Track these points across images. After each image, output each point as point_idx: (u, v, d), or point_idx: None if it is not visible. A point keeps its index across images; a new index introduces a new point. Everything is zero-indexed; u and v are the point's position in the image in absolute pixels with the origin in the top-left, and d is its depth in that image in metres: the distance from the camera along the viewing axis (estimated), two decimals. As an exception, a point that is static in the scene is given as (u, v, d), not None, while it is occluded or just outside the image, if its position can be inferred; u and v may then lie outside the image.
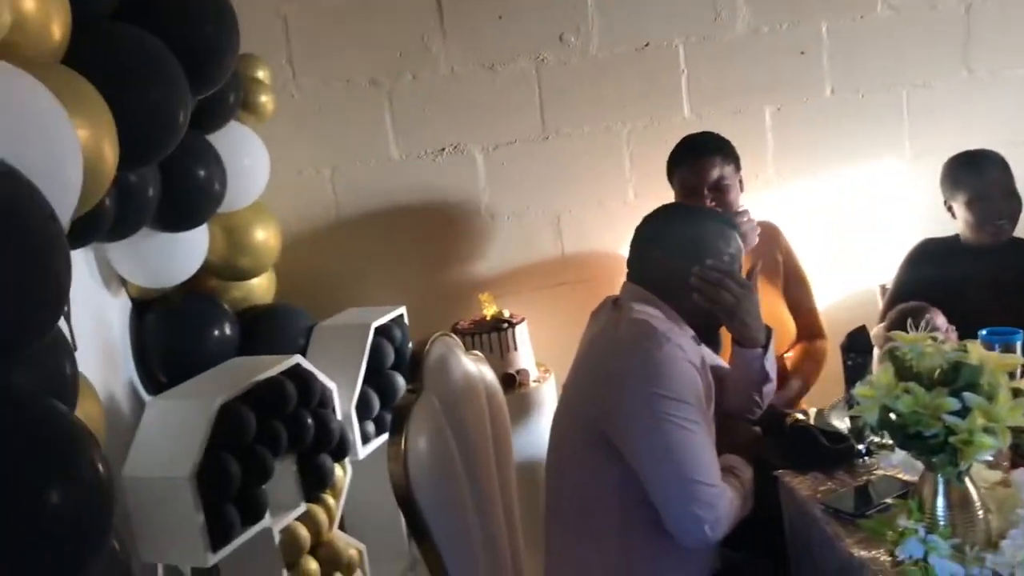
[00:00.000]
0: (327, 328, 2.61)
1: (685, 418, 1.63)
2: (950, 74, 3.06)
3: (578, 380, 1.82)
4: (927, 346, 1.39)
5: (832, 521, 1.60)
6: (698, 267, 1.79)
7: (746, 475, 1.78)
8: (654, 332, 1.68)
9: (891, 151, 3.09)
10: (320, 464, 2.22)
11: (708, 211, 1.91)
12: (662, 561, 1.69)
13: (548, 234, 3.06)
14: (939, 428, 1.31)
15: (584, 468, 1.73)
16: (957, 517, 1.38)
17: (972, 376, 1.32)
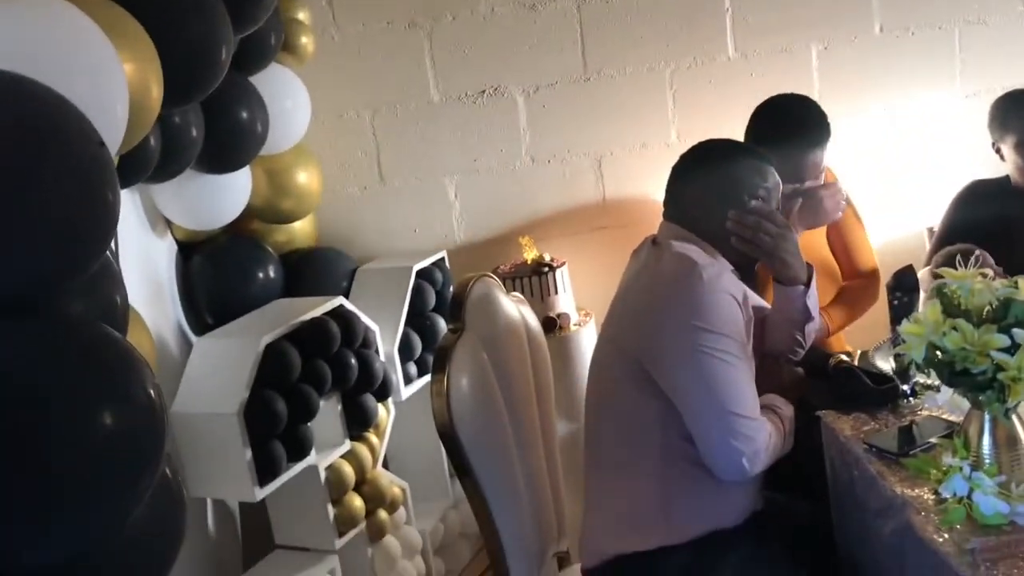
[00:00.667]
0: (369, 271, 2.63)
1: (725, 351, 1.62)
2: (1006, 9, 2.96)
3: (618, 315, 1.82)
4: (976, 283, 1.37)
5: (875, 460, 1.59)
6: (734, 212, 1.78)
7: (787, 413, 1.78)
8: (695, 265, 1.67)
9: (942, 90, 3.01)
10: (363, 403, 2.25)
11: (743, 146, 1.87)
12: (703, 497, 1.70)
13: (589, 177, 3.03)
14: (987, 365, 1.29)
15: (624, 403, 1.74)
16: (1003, 455, 1.37)
17: (1022, 312, 1.30)
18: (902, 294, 1.83)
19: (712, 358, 1.62)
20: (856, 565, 1.70)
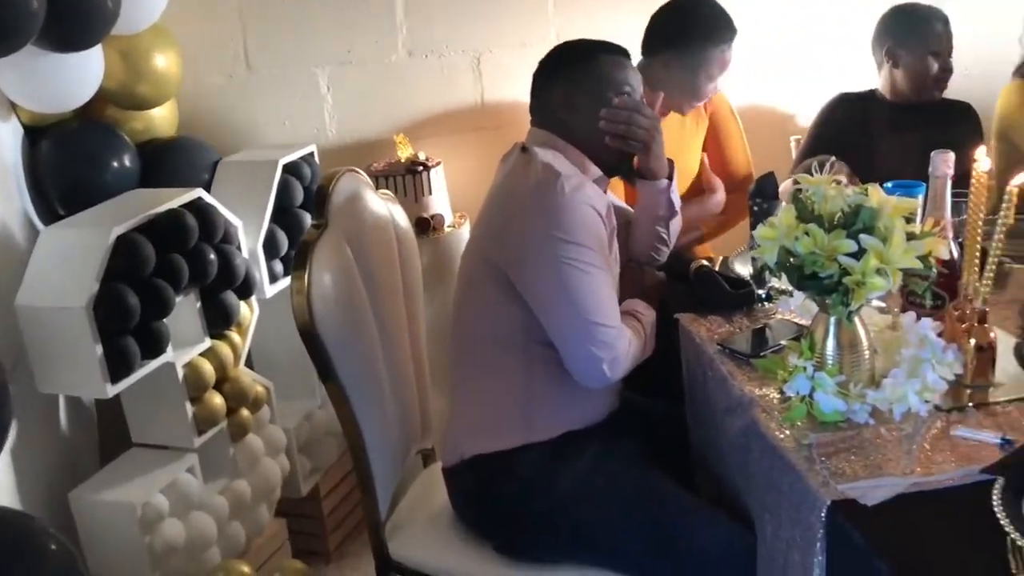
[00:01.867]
0: (233, 164, 2.52)
1: (584, 261, 1.63)
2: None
3: (483, 222, 1.80)
4: (830, 189, 1.40)
5: (727, 361, 1.64)
6: (604, 110, 1.77)
7: (648, 318, 1.81)
8: (556, 177, 1.66)
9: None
10: (224, 301, 2.18)
11: (602, 43, 1.83)
12: (562, 399, 1.72)
13: (468, 75, 2.97)
14: (834, 269, 1.34)
15: (487, 308, 1.74)
16: (845, 357, 1.43)
17: (869, 219, 1.34)
18: (762, 200, 1.87)
19: (572, 268, 1.62)
20: (707, 461, 1.77)
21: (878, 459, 1.29)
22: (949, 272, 1.58)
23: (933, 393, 1.38)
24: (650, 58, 2.38)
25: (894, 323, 1.63)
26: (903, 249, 1.32)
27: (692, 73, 2.34)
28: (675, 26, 2.34)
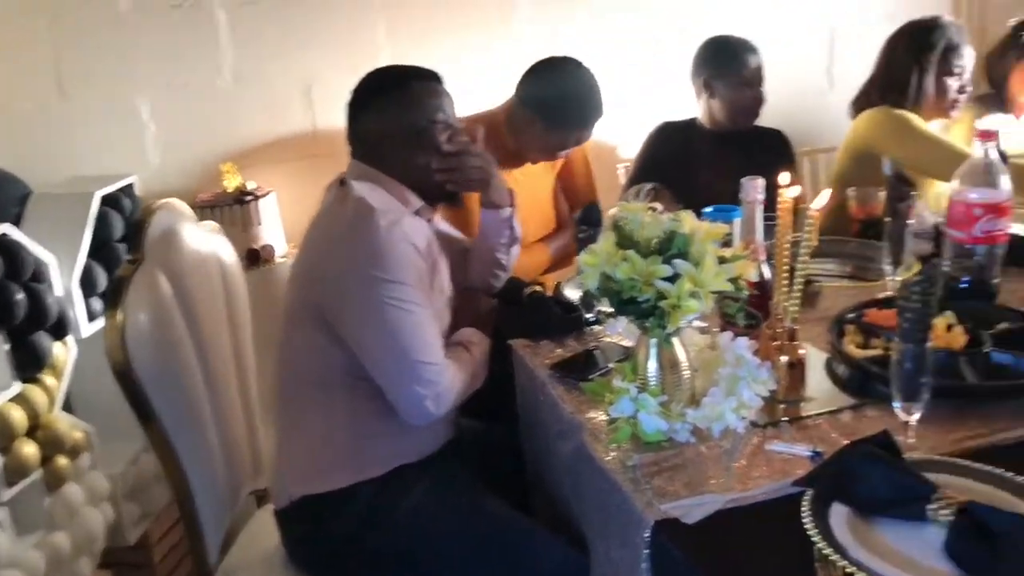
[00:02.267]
0: (45, 197, 2.38)
1: (404, 299, 1.61)
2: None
3: (300, 261, 1.77)
4: (646, 216, 1.45)
5: (558, 385, 1.66)
6: (436, 162, 1.76)
7: (480, 348, 1.81)
8: (371, 213, 1.63)
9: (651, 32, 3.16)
10: (35, 342, 2.05)
11: (414, 70, 1.82)
12: (392, 436, 1.70)
13: (298, 103, 2.92)
14: (652, 293, 1.37)
15: (309, 348, 1.69)
16: (667, 377, 1.47)
17: (683, 244, 1.39)
18: (587, 228, 1.91)
19: (392, 307, 1.60)
20: (543, 484, 1.78)
21: (699, 477, 1.33)
22: (762, 293, 1.65)
23: (749, 410, 1.43)
24: (521, 105, 2.38)
25: (713, 343, 1.69)
26: (715, 272, 1.37)
27: (555, 142, 2.37)
28: (554, 101, 2.32)
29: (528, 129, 2.35)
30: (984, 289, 1.84)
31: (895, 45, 2.61)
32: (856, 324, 1.71)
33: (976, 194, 1.78)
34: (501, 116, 2.42)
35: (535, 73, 2.38)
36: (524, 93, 2.36)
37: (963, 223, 1.79)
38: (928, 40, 2.53)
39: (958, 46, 2.53)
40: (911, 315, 1.26)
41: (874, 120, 2.56)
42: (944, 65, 2.53)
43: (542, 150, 2.40)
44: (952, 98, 2.55)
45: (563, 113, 2.32)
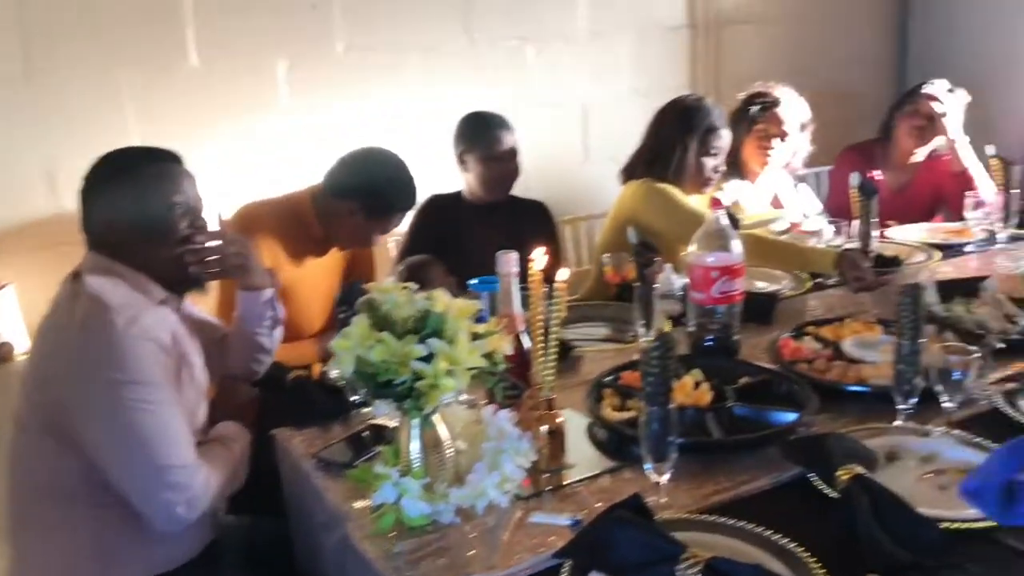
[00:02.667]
0: None
1: (146, 399, 1.51)
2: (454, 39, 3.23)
3: (30, 362, 1.63)
4: (400, 296, 1.44)
5: (322, 474, 1.60)
6: (188, 252, 1.69)
7: (240, 443, 1.73)
8: (105, 311, 1.53)
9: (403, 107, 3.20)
10: None
11: (144, 151, 1.73)
12: (144, 545, 1.57)
13: (41, 187, 2.73)
14: (408, 374, 1.36)
15: (42, 457, 1.55)
16: (430, 458, 1.45)
17: (437, 323, 1.39)
18: (347, 308, 1.88)
19: (132, 409, 1.50)
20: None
21: (463, 558, 1.31)
22: (523, 363, 1.67)
23: (512, 483, 1.44)
24: (334, 193, 2.36)
25: (478, 417, 1.70)
26: (469, 349, 1.38)
27: (375, 228, 2.39)
28: (374, 189, 2.34)
29: (346, 218, 2.35)
30: (727, 346, 1.96)
31: (662, 121, 2.77)
32: (613, 387, 1.78)
33: (712, 258, 1.91)
34: (307, 203, 2.40)
35: (351, 163, 2.39)
36: (339, 182, 2.36)
37: (703, 285, 1.91)
38: (692, 121, 2.71)
39: (717, 129, 2.72)
40: (652, 378, 1.32)
41: (638, 191, 2.71)
42: (703, 145, 2.70)
43: (358, 238, 2.42)
44: (708, 176, 2.73)
45: (384, 200, 2.35)
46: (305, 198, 2.41)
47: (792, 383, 1.76)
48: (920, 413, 1.62)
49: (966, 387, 1.55)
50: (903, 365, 1.56)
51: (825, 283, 2.48)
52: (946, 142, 3.13)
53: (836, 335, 2.01)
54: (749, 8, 3.81)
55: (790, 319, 2.20)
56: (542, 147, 3.41)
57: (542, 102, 3.44)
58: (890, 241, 2.80)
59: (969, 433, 1.55)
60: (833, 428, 1.62)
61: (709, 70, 3.75)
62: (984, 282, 2.25)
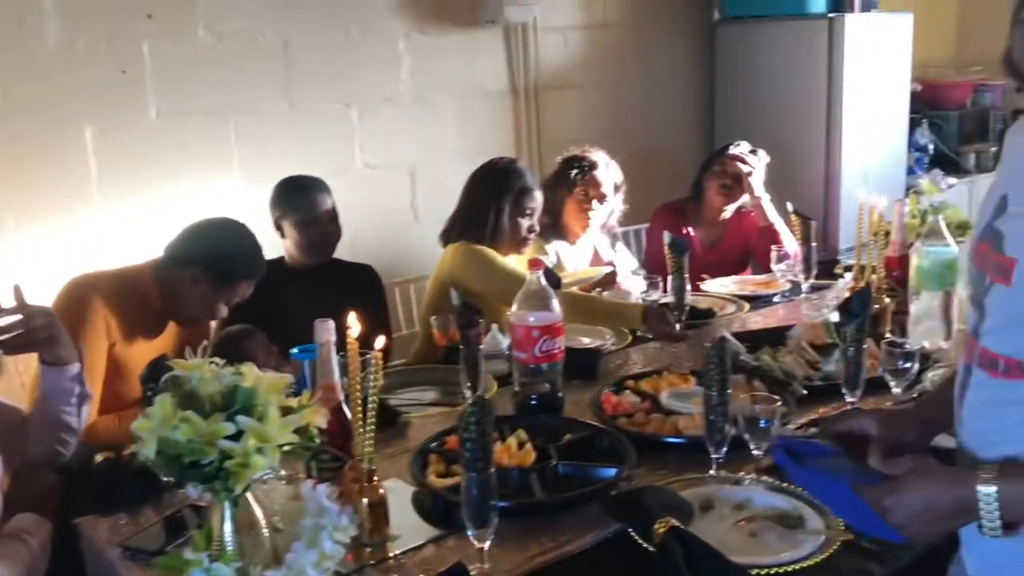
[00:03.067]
0: None
1: None
2: (274, 104, 3.19)
3: None
4: (206, 372, 1.38)
5: (130, 564, 1.51)
6: None
7: (38, 537, 1.62)
8: None
9: (223, 175, 3.12)
10: None
11: None
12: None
13: None
14: (215, 454, 1.30)
15: None
16: (245, 540, 1.39)
17: (246, 399, 1.34)
18: (155, 385, 1.78)
19: None
20: None
21: (279, 644, 1.25)
22: (343, 434, 1.64)
23: (332, 560, 1.39)
24: (177, 262, 2.31)
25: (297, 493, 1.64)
26: (280, 425, 1.33)
27: (221, 298, 2.35)
28: (221, 258, 2.31)
29: (189, 288, 2.30)
30: (551, 404, 1.99)
31: (476, 184, 2.82)
32: (438, 452, 1.76)
33: (533, 317, 1.93)
34: (147, 274, 2.34)
35: (195, 231, 2.35)
36: (182, 251, 2.32)
37: (525, 345, 1.93)
38: (505, 183, 2.76)
39: (531, 189, 2.79)
40: (470, 444, 1.32)
41: (456, 254, 2.73)
42: (518, 206, 2.76)
43: (203, 308, 2.36)
44: (523, 236, 2.79)
45: (229, 266, 2.33)
46: (145, 269, 2.36)
47: (613, 438, 1.80)
48: (733, 461, 1.69)
49: (772, 434, 1.62)
50: (713, 415, 1.62)
51: (646, 336, 2.56)
52: (751, 199, 3.32)
53: (655, 388, 2.08)
54: (567, 75, 3.95)
55: (613, 374, 2.26)
56: (372, 210, 3.40)
57: (369, 165, 3.44)
58: (704, 294, 2.93)
59: (777, 479, 1.62)
60: (652, 481, 1.66)
61: (531, 133, 3.85)
62: (790, 331, 2.38)
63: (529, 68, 3.80)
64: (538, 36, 3.79)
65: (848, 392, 1.90)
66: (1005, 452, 1.15)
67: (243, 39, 3.08)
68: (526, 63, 3.78)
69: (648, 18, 4.19)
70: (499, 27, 3.67)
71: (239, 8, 3.05)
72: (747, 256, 3.47)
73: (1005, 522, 1.09)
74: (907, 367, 1.89)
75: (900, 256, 2.53)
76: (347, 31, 3.30)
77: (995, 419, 1.18)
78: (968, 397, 1.23)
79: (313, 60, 3.24)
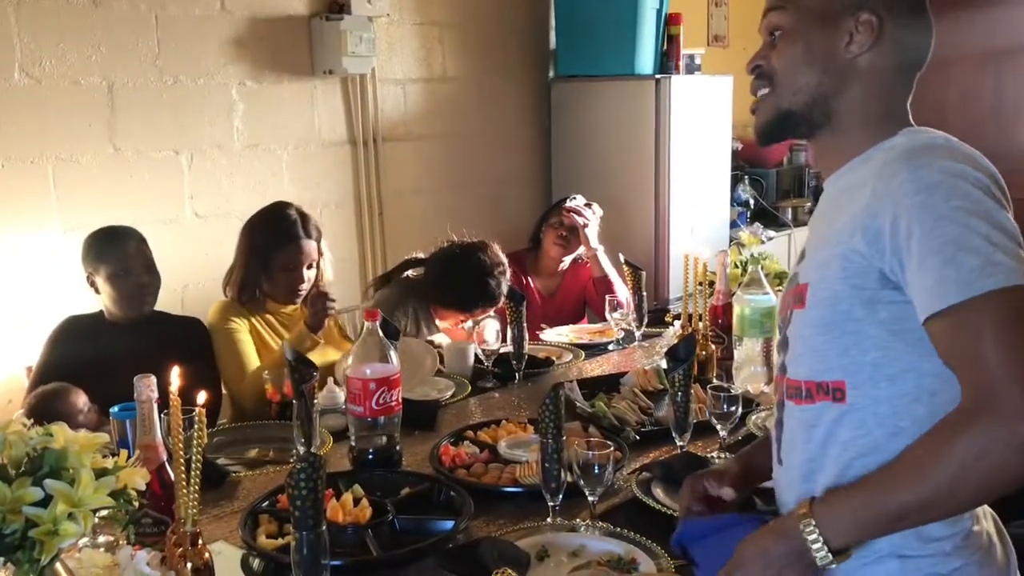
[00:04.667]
0: None
1: None
2: (98, 150, 3.05)
3: None
4: (10, 434, 1.28)
5: (-82, 650, 1.36)
6: None
7: None
8: None
9: (40, 225, 2.94)
10: None
11: None
12: None
13: None
14: (20, 522, 1.20)
15: None
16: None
17: (55, 461, 1.25)
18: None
19: None
20: None
21: None
22: (166, 496, 1.55)
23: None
24: None
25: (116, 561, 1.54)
26: (94, 488, 1.25)
27: None
28: None
29: None
30: (389, 457, 1.95)
31: (241, 234, 2.77)
32: (270, 512, 1.70)
33: (370, 369, 1.91)
34: None
35: None
36: None
37: (361, 397, 1.90)
38: (268, 233, 2.70)
39: (294, 240, 2.67)
40: (300, 502, 1.27)
41: (211, 311, 2.69)
42: (279, 259, 2.68)
43: None
44: (288, 290, 2.71)
45: None
46: None
47: (451, 490, 1.78)
48: (570, 508, 1.70)
49: (605, 480, 1.65)
50: (548, 463, 1.64)
51: (485, 386, 2.57)
52: (587, 251, 3.42)
53: (493, 437, 2.08)
54: (407, 127, 3.97)
55: (452, 424, 2.25)
56: (202, 261, 3.28)
57: (200, 214, 3.32)
58: (542, 343, 2.97)
59: (611, 524, 1.65)
60: (490, 531, 1.65)
61: (371, 183, 3.83)
62: (623, 378, 2.45)
63: (368, 119, 3.79)
64: (377, 87, 3.80)
65: (678, 436, 1.96)
66: (821, 482, 1.22)
67: (64, 82, 2.93)
68: (364, 114, 3.77)
69: (487, 74, 4.28)
70: (337, 78, 3.65)
71: (60, 50, 2.91)
72: (584, 306, 3.55)
73: (833, 549, 1.14)
74: (732, 410, 1.98)
75: (724, 304, 2.66)
76: (176, 77, 3.20)
77: (805, 448, 1.25)
78: (783, 434, 1.29)
79: (140, 105, 3.11)
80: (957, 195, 1.09)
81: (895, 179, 1.13)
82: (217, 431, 2.28)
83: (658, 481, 1.82)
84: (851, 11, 1.24)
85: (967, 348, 1.07)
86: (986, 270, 1.05)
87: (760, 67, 1.32)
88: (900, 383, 1.17)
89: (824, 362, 1.21)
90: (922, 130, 1.26)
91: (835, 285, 1.18)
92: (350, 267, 3.78)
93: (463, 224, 3.16)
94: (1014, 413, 1.01)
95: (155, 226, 3.07)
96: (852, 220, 1.18)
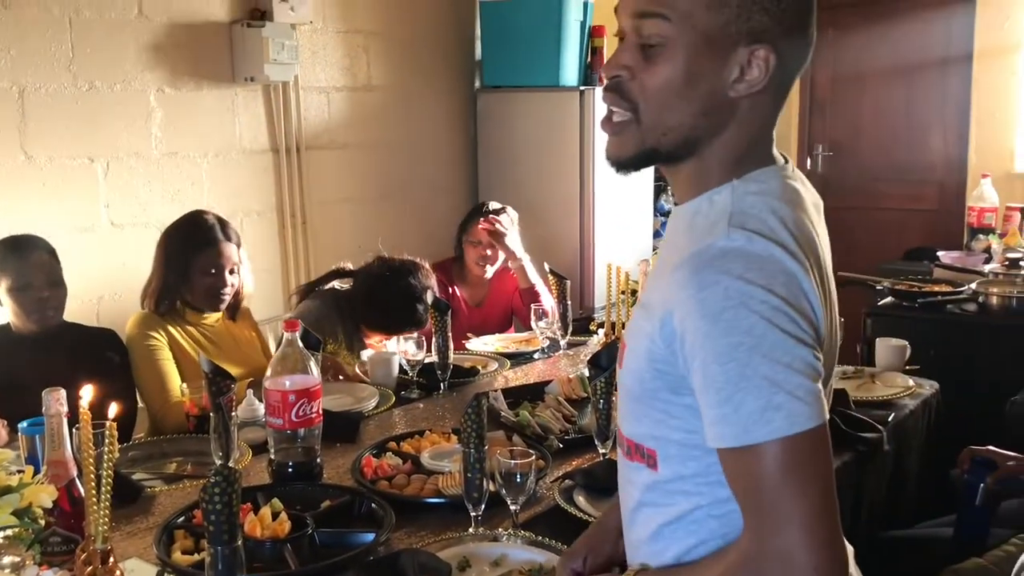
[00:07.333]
0: None
1: None
2: (7, 156, 2.95)
3: None
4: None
5: None
6: None
7: None
8: None
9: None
10: None
11: None
12: None
13: None
14: (-84, 545, 1.16)
15: None
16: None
17: (-46, 480, 1.20)
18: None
19: None
20: None
21: None
22: (76, 513, 1.50)
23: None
24: None
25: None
26: (-4, 507, 1.21)
27: None
28: None
29: None
30: (309, 470, 1.93)
31: (159, 243, 2.70)
32: (185, 528, 1.66)
33: (289, 380, 1.88)
34: None
35: None
36: None
37: (280, 409, 1.87)
38: (186, 240, 2.65)
39: (213, 244, 2.63)
40: (215, 517, 1.25)
41: (129, 323, 2.63)
42: (198, 264, 2.63)
43: None
44: (207, 295, 2.65)
45: None
46: None
47: (373, 502, 1.77)
48: (493, 518, 1.70)
49: (528, 489, 1.65)
50: (470, 473, 1.63)
51: (409, 396, 2.55)
52: (512, 262, 3.42)
53: (416, 448, 2.07)
54: (331, 135, 3.93)
55: (376, 435, 2.23)
56: (118, 271, 3.19)
57: (116, 223, 3.23)
58: (467, 353, 2.97)
59: (533, 532, 1.65)
60: (412, 543, 1.64)
61: (294, 192, 3.78)
62: (547, 386, 2.46)
63: (291, 127, 3.74)
64: (300, 95, 3.75)
65: (600, 443, 1.97)
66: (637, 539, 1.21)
67: (-30, 87, 2.84)
68: (287, 122, 3.73)
69: (412, 83, 4.26)
70: (258, 85, 3.60)
71: (-35, 53, 2.82)
72: (511, 315, 3.56)
73: None
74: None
75: (647, 313, 2.68)
76: (91, 82, 3.12)
77: (624, 502, 1.23)
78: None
79: (53, 111, 3.02)
80: (738, 330, 1.00)
81: (683, 291, 1.05)
82: (133, 445, 2.23)
83: (580, 489, 1.84)
84: (746, 42, 1.07)
85: (748, 491, 1.03)
86: (764, 416, 0.99)
87: (620, 80, 1.13)
88: (704, 463, 1.11)
89: (641, 427, 1.17)
90: (750, 185, 1.12)
91: (642, 364, 1.12)
92: (272, 277, 3.72)
93: (389, 233, 3.15)
94: (794, 567, 0.99)
95: (70, 235, 2.98)
96: (662, 300, 1.09)
